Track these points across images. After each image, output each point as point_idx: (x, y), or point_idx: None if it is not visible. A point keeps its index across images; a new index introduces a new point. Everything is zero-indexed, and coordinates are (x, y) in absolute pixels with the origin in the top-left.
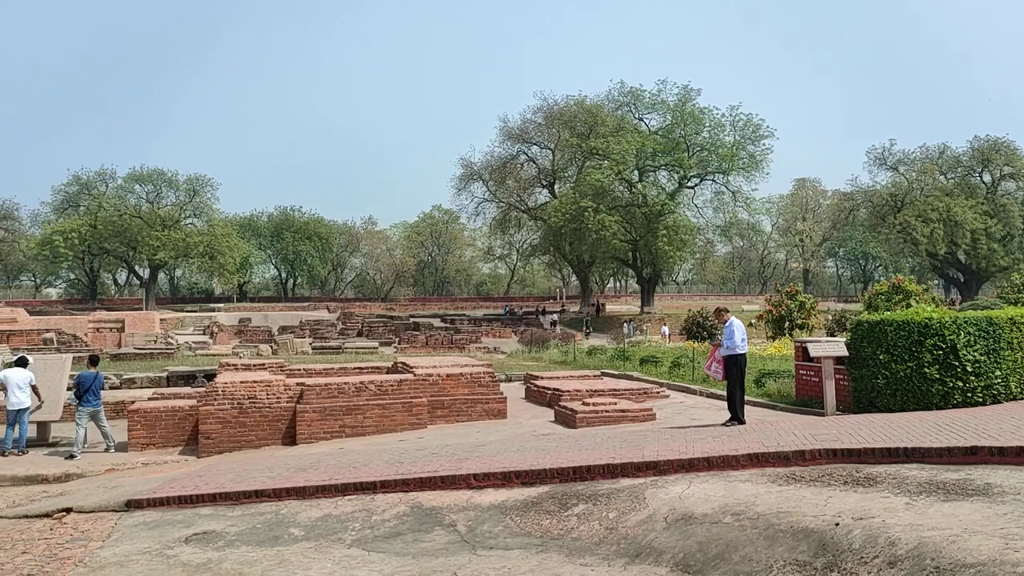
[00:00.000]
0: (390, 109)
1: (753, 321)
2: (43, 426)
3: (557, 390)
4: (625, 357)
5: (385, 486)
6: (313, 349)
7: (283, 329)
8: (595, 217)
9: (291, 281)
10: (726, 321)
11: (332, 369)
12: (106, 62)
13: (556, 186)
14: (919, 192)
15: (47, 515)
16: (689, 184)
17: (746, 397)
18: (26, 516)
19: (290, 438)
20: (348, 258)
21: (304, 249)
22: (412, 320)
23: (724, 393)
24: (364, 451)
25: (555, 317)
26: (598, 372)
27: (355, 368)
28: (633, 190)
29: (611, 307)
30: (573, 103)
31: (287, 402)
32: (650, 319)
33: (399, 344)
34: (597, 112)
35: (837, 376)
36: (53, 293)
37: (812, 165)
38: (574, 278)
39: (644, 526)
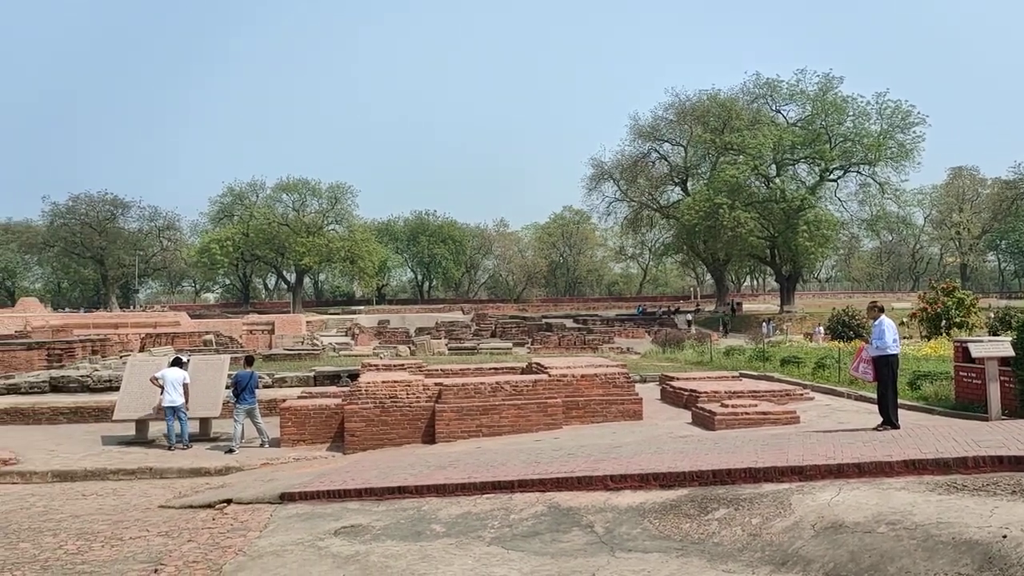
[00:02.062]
0: (519, 112)
1: (905, 320)
2: (205, 422)
3: (694, 391)
4: (765, 358)
5: (522, 485)
6: (449, 350)
7: (420, 330)
8: (730, 214)
9: (427, 283)
10: (877, 319)
11: (468, 369)
12: (255, 76)
13: (689, 183)
14: None
15: (210, 506)
16: (831, 177)
17: (900, 400)
18: (191, 506)
19: (429, 436)
20: (481, 260)
21: (439, 252)
22: (544, 321)
23: (874, 396)
24: (501, 450)
25: (690, 317)
26: (736, 373)
27: (490, 368)
28: (771, 185)
29: (748, 306)
30: (706, 98)
31: (426, 401)
32: (791, 318)
33: (532, 344)
34: (731, 106)
35: (1002, 378)
36: (211, 298)
37: (969, 153)
38: (709, 277)
39: (790, 533)
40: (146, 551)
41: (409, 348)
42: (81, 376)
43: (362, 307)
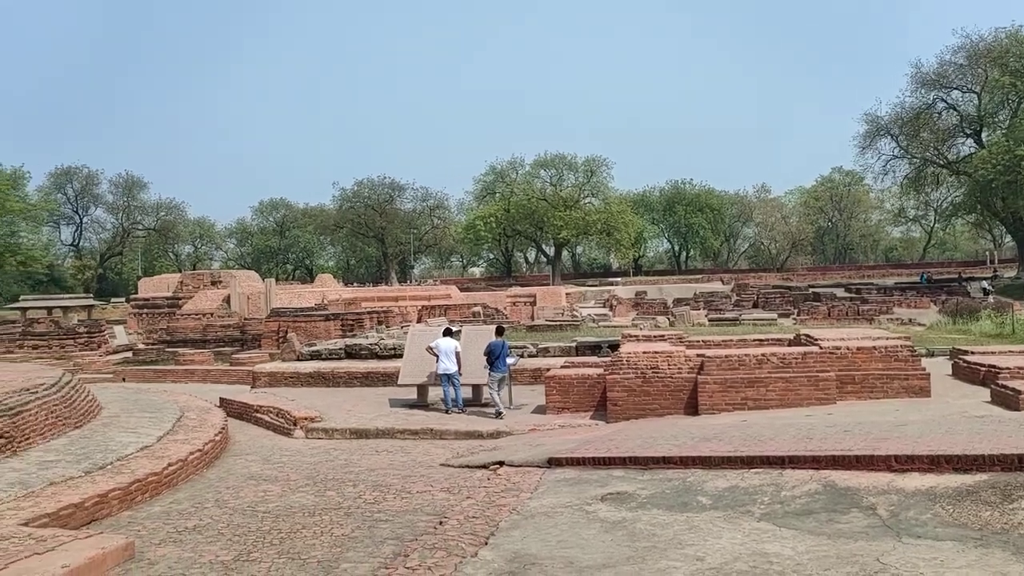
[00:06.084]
0: (779, 71)
1: None
2: (476, 388)
3: (993, 367)
4: None
5: (793, 461)
6: (709, 321)
7: (677, 301)
8: None
9: (683, 254)
10: None
11: (730, 341)
12: (515, 64)
13: (983, 134)
14: None
15: (484, 466)
16: None
17: None
18: (468, 466)
19: (691, 408)
20: (741, 228)
21: (696, 221)
22: (811, 290)
23: None
24: (768, 424)
25: (986, 284)
26: None
27: (754, 340)
28: None
29: None
30: (1004, 36)
31: (687, 373)
32: None
33: (798, 315)
34: None
35: None
36: (476, 271)
37: None
38: (1009, 239)
39: None
40: (431, 504)
41: (668, 319)
42: (370, 344)
43: (619, 279)
